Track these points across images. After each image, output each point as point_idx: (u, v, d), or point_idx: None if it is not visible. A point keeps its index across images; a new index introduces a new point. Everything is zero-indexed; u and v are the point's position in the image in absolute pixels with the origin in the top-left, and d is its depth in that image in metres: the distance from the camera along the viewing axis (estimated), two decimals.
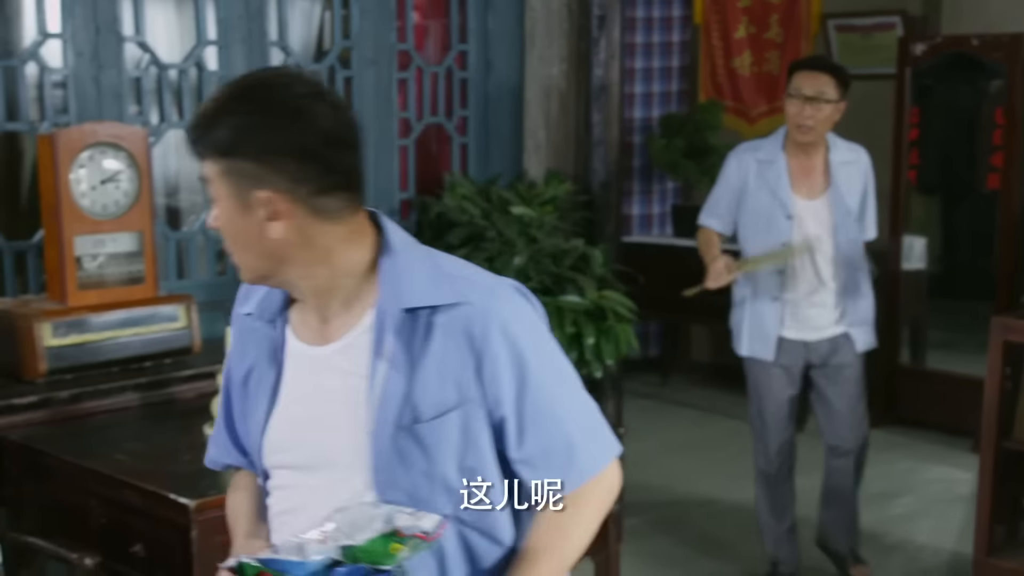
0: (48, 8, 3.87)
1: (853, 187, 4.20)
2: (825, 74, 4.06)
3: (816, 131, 4.06)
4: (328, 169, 1.66)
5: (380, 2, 4.68)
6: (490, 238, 4.68)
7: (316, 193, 1.65)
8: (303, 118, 1.64)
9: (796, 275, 4.14)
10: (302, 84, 1.67)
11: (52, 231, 3.57)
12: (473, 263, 4.60)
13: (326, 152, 1.65)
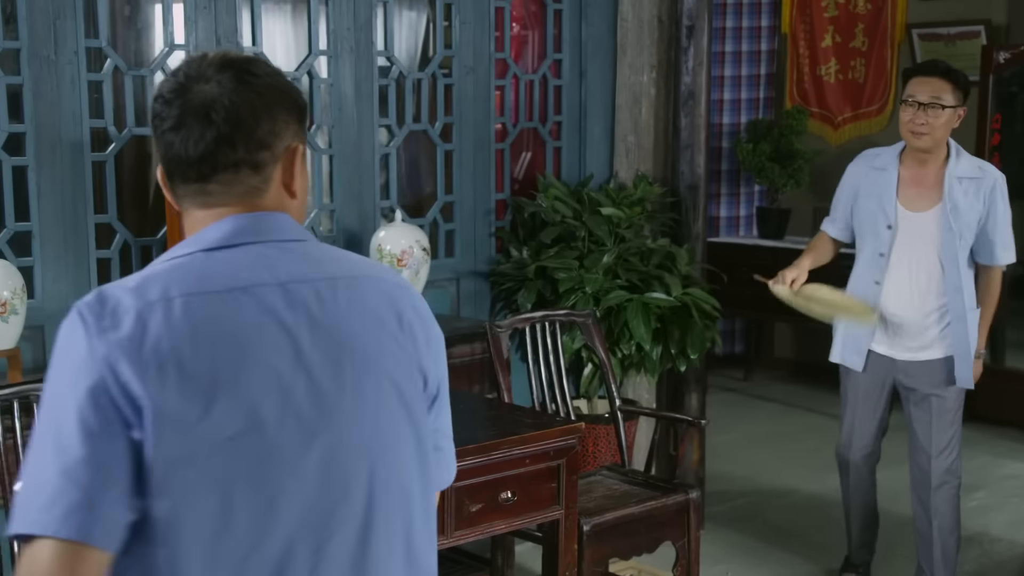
0: (175, 21, 3.99)
1: (971, 205, 3.81)
2: (941, 79, 3.78)
3: (932, 137, 3.77)
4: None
5: (480, 14, 4.74)
6: (580, 237, 4.72)
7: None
8: None
9: (893, 289, 3.89)
10: None
11: (175, 228, 3.69)
12: (564, 261, 4.67)
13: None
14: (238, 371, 1.42)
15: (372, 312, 1.55)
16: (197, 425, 1.39)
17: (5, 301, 3.29)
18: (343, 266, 1.57)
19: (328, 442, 1.47)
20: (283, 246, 1.52)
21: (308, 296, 1.50)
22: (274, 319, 1.46)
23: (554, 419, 3.76)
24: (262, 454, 1.42)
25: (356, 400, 1.50)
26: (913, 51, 6.91)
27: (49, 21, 3.67)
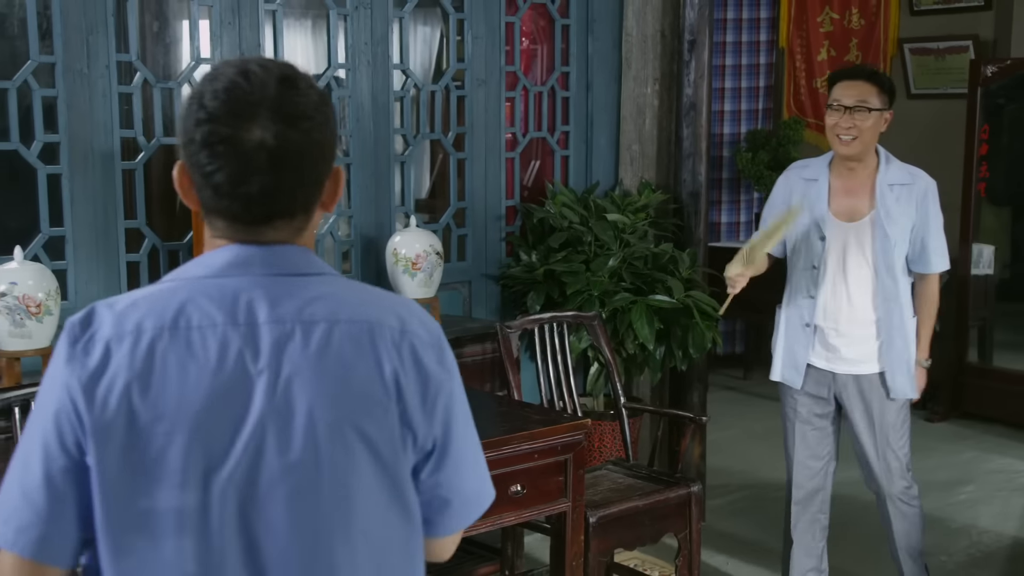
0: (201, 37, 4.00)
1: (904, 212, 3.56)
2: (866, 82, 3.52)
3: (861, 141, 3.51)
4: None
5: (491, 29, 4.74)
6: (587, 242, 4.71)
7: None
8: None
9: (828, 302, 3.62)
10: None
11: (200, 233, 3.69)
12: (572, 265, 4.66)
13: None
14: (187, 424, 1.35)
15: (342, 362, 1.40)
16: (133, 498, 1.35)
17: (40, 302, 3.29)
18: (337, 309, 1.42)
19: (276, 510, 1.37)
20: (282, 281, 1.42)
21: (278, 338, 1.38)
22: (239, 365, 1.37)
23: (561, 416, 3.76)
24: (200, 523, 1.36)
25: (312, 459, 1.38)
26: (905, 65, 6.90)
27: (82, 37, 3.68)
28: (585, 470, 3.36)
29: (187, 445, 1.34)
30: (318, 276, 1.45)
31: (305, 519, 1.38)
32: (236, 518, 1.36)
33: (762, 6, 7.31)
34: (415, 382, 1.44)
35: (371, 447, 1.40)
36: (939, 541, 4.57)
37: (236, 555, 1.36)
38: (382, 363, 1.41)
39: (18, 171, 3.69)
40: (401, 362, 1.43)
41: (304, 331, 1.39)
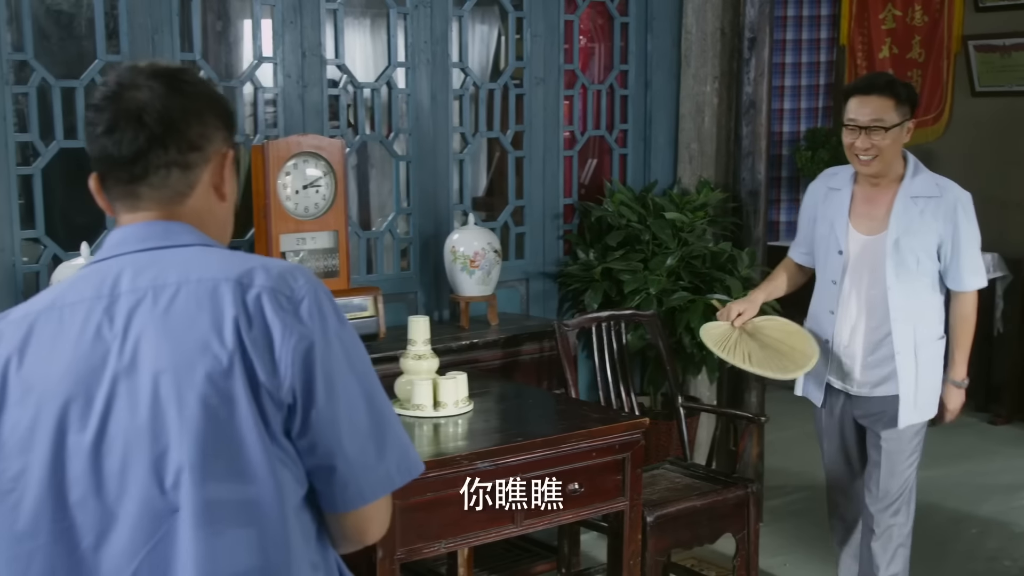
0: (263, 36, 4.01)
1: (928, 226, 3.30)
2: (880, 96, 3.26)
3: (881, 160, 3.28)
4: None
5: (550, 27, 4.71)
6: (645, 240, 4.66)
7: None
8: None
9: (846, 318, 3.43)
10: None
11: (261, 229, 3.71)
12: (629, 263, 4.63)
13: None
14: (51, 392, 1.42)
15: (184, 319, 1.41)
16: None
17: None
18: (189, 272, 1.44)
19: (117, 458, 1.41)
20: (151, 255, 1.47)
21: (132, 305, 1.43)
22: (97, 333, 1.42)
23: (619, 414, 3.72)
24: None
25: (158, 414, 1.40)
26: (969, 62, 6.77)
27: (148, 36, 3.70)
28: (643, 469, 3.32)
29: (50, 415, 1.40)
30: (184, 247, 1.49)
31: (148, 476, 1.39)
32: (89, 480, 1.40)
33: (823, 3, 7.21)
34: (260, 334, 1.41)
35: (217, 407, 1.39)
36: (1003, 545, 4.47)
37: (87, 528, 1.41)
38: (223, 316, 1.41)
39: (85, 168, 3.72)
40: (245, 315, 1.41)
41: (155, 295, 1.43)
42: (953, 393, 3.48)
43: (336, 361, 1.45)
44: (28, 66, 3.55)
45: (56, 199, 3.90)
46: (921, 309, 3.37)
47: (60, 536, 1.41)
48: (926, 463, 4.15)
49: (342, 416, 1.45)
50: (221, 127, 1.53)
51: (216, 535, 1.39)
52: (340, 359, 1.45)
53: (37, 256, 3.62)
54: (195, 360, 1.39)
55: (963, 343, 3.44)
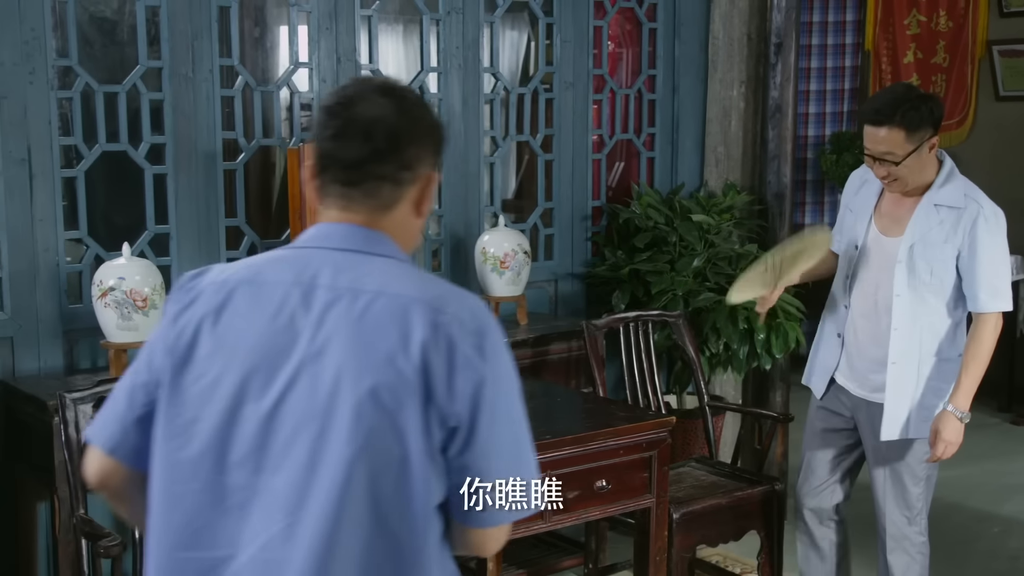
0: (300, 42, 4.05)
1: (947, 238, 3.09)
2: (889, 128, 3.02)
3: (903, 183, 3.10)
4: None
5: (579, 33, 4.73)
6: (672, 242, 4.68)
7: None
8: None
9: (856, 318, 3.26)
10: None
11: (297, 230, 3.74)
12: (656, 264, 4.64)
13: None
14: (245, 342, 1.54)
15: (375, 329, 1.51)
16: (180, 412, 1.56)
17: (146, 297, 3.37)
18: (385, 284, 1.54)
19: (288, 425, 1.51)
20: (349, 256, 1.58)
21: (329, 301, 1.53)
22: (291, 317, 1.53)
23: (646, 413, 3.74)
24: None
25: (330, 408, 1.50)
26: (993, 67, 6.74)
27: (188, 42, 3.75)
28: (669, 467, 3.34)
29: (235, 376, 1.53)
30: (381, 257, 1.59)
31: (305, 459, 1.49)
32: (252, 445, 1.51)
33: (848, 9, 7.18)
34: (444, 359, 1.50)
35: (387, 411, 1.49)
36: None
37: (244, 479, 1.52)
38: (412, 335, 1.50)
39: (127, 171, 3.78)
40: (434, 339, 1.51)
41: (351, 298, 1.53)
42: (950, 423, 3.12)
43: (501, 399, 1.55)
44: (72, 72, 3.60)
45: (98, 201, 3.96)
46: (931, 322, 3.14)
47: (212, 488, 1.53)
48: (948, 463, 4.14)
49: (495, 448, 1.56)
50: (432, 152, 1.64)
51: (351, 529, 1.49)
52: (504, 398, 1.56)
53: (80, 256, 3.68)
54: (379, 367, 1.49)
55: (971, 369, 3.13)
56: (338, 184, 1.60)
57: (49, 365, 3.56)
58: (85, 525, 2.89)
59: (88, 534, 2.87)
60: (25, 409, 3.34)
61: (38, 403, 3.22)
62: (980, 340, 3.12)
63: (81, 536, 2.92)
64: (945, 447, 3.15)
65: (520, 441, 1.61)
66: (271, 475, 1.51)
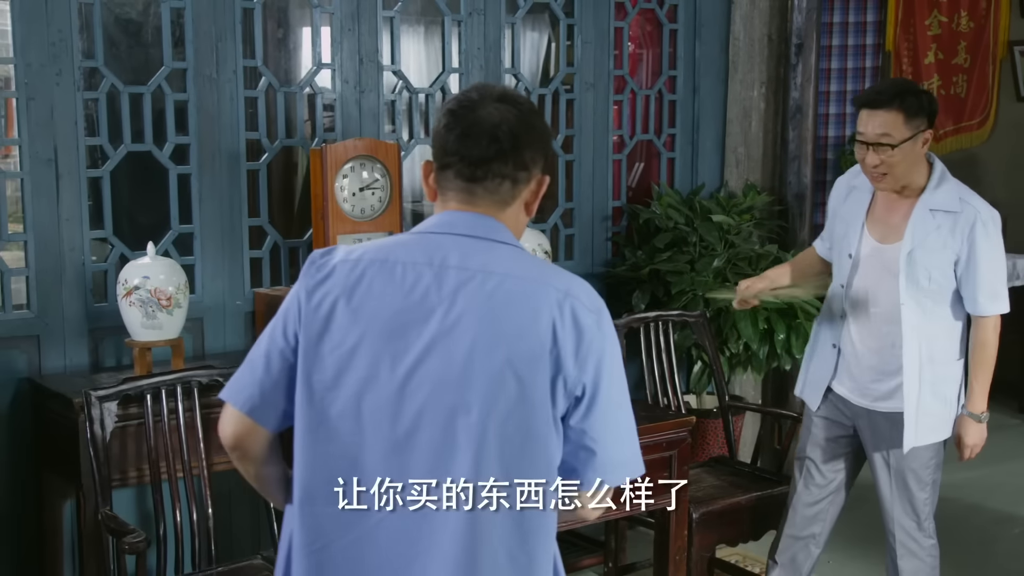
0: (323, 43, 4.05)
1: (944, 243, 3.02)
2: (888, 110, 2.95)
3: (892, 177, 3.01)
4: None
5: (600, 34, 4.72)
6: (692, 243, 4.66)
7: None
8: None
9: (853, 326, 3.18)
10: None
11: (319, 230, 3.75)
12: (677, 264, 4.61)
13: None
14: (381, 316, 1.68)
15: (507, 306, 1.66)
16: (316, 377, 1.70)
17: (170, 296, 3.38)
18: (512, 268, 1.70)
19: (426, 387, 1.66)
20: (476, 243, 1.72)
21: (461, 281, 1.67)
22: (425, 294, 1.68)
23: (666, 413, 3.73)
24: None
25: (465, 378, 1.64)
26: (1015, 67, 6.69)
27: (212, 44, 3.76)
28: (689, 466, 3.32)
29: (371, 345, 1.67)
30: (505, 244, 1.74)
31: (442, 423, 1.64)
32: (386, 407, 1.66)
33: (868, 9, 7.13)
34: (571, 334, 1.66)
35: (519, 380, 1.64)
36: None
37: (381, 440, 1.66)
38: (541, 314, 1.66)
39: (151, 171, 3.79)
40: (561, 316, 1.66)
41: (482, 279, 1.68)
42: (971, 427, 3.15)
43: (616, 371, 1.73)
44: (98, 73, 3.62)
45: (123, 200, 3.97)
46: (931, 328, 3.09)
47: (348, 449, 1.67)
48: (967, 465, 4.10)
49: (613, 416, 1.72)
50: (543, 156, 1.79)
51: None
52: (618, 370, 1.74)
53: (105, 255, 3.70)
54: (511, 341, 1.65)
55: (980, 373, 3.14)
56: (462, 179, 1.74)
57: (75, 363, 3.58)
58: (110, 521, 2.90)
59: (113, 531, 2.88)
60: (51, 407, 3.36)
61: (64, 400, 3.23)
62: (985, 344, 3.13)
63: (106, 532, 2.93)
64: (971, 450, 3.17)
65: (631, 417, 1.77)
66: (408, 439, 1.65)
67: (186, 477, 3.14)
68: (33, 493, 3.53)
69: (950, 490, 4.50)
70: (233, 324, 3.88)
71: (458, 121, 1.73)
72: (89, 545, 3.13)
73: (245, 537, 3.85)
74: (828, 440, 3.32)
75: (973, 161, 6.91)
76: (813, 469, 3.35)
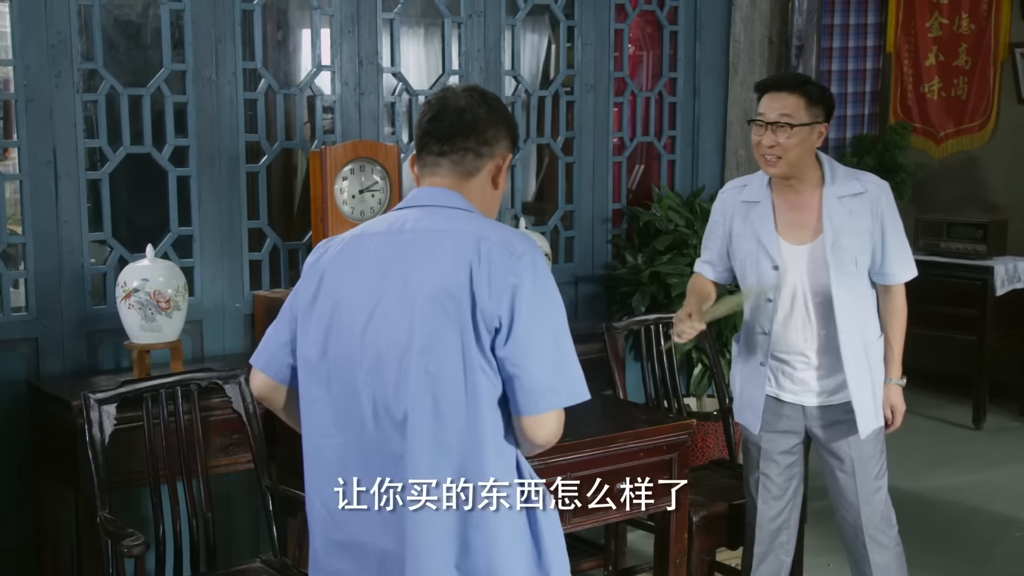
0: (322, 45, 4.05)
1: (858, 225, 3.10)
2: (791, 93, 3.05)
3: (786, 161, 3.06)
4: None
5: (600, 36, 4.72)
6: (692, 245, 4.65)
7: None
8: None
9: (792, 333, 3.17)
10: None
11: (319, 233, 3.74)
12: (677, 267, 4.60)
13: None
14: (349, 279, 2.04)
15: (439, 255, 1.97)
16: (305, 338, 2.08)
17: (169, 298, 3.38)
18: (455, 225, 2.00)
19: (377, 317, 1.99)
20: (432, 209, 2.05)
21: (410, 240, 2.01)
22: (382, 255, 2.02)
23: (666, 415, 3.72)
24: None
25: (401, 301, 1.97)
26: (1016, 69, 6.68)
27: (211, 46, 3.76)
28: (689, 469, 3.32)
29: (347, 305, 2.02)
30: (457, 209, 2.04)
31: (395, 356, 1.97)
32: (364, 357, 1.99)
33: (869, 11, 7.14)
34: (484, 272, 1.94)
35: (446, 313, 1.94)
36: None
37: (352, 380, 2.01)
38: (462, 257, 1.95)
39: (151, 173, 3.79)
40: (476, 258, 1.95)
41: (426, 236, 2.01)
42: (893, 391, 3.25)
43: (539, 305, 1.96)
44: (98, 75, 3.62)
45: (122, 203, 3.97)
46: (865, 308, 3.19)
47: (344, 393, 2.01)
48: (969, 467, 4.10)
49: (532, 342, 1.95)
50: (507, 137, 2.11)
51: (423, 404, 1.96)
52: (542, 306, 1.97)
53: (104, 258, 3.69)
54: (440, 284, 1.94)
55: (898, 339, 3.24)
56: (432, 155, 2.08)
57: (73, 366, 3.58)
58: (109, 525, 2.89)
59: (112, 534, 2.88)
60: (50, 409, 3.36)
61: (63, 403, 3.23)
62: (900, 310, 3.24)
63: (105, 536, 2.92)
64: (901, 416, 3.29)
65: (561, 345, 1.99)
66: (377, 369, 1.98)
67: (185, 480, 3.13)
68: (31, 496, 3.53)
69: (950, 494, 4.52)
70: (232, 326, 3.88)
71: (431, 107, 2.08)
72: (88, 548, 3.12)
73: (244, 540, 3.85)
74: (781, 452, 3.31)
75: (974, 163, 6.91)
76: (770, 484, 3.33)
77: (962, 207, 6.82)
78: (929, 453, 4.23)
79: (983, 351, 6.16)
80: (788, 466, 3.32)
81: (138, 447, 3.15)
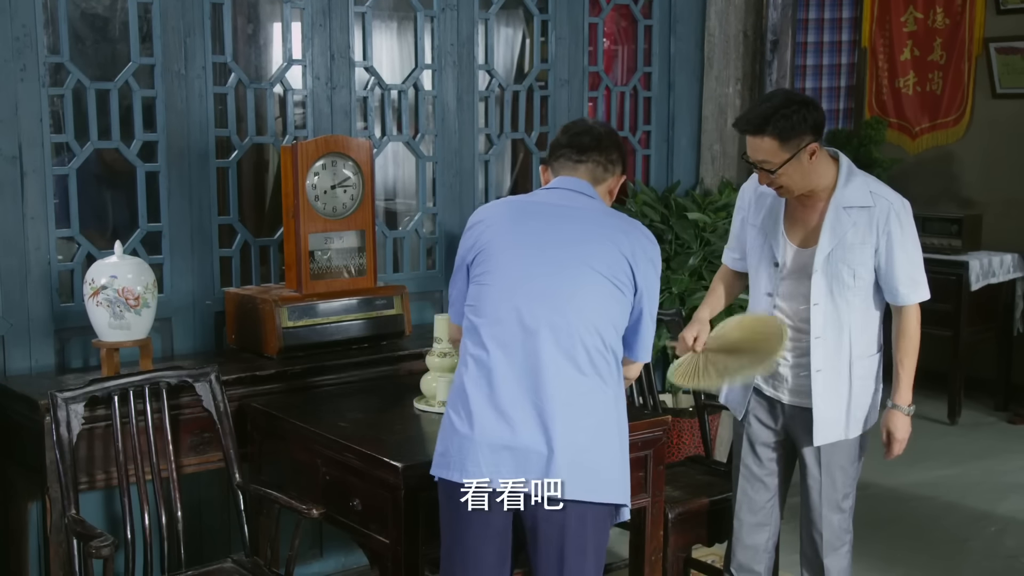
0: (293, 39, 4.04)
1: (863, 238, 3.06)
2: (760, 137, 2.98)
3: (788, 190, 3.05)
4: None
5: (574, 30, 4.72)
6: (668, 240, 4.67)
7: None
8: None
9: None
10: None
11: (290, 229, 3.73)
12: None
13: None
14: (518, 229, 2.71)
15: (602, 233, 2.67)
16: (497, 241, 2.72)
17: (138, 295, 3.36)
18: (587, 205, 2.71)
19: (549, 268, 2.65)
20: (574, 195, 2.72)
21: (559, 215, 2.68)
22: (541, 216, 2.70)
23: (642, 412, 3.73)
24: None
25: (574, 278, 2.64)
26: (990, 64, 6.73)
27: (180, 39, 3.74)
28: (665, 466, 3.33)
29: (522, 257, 2.66)
30: (590, 197, 2.74)
31: (564, 299, 2.63)
32: (536, 294, 2.63)
33: (844, 6, 7.18)
34: (639, 257, 2.67)
35: (610, 280, 2.64)
36: (1021, 543, 4.46)
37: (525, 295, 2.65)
38: (621, 242, 2.67)
39: (119, 169, 3.76)
40: (631, 246, 2.67)
41: (584, 215, 2.70)
42: (900, 420, 3.19)
43: (652, 285, 2.73)
44: (64, 68, 3.59)
45: (90, 199, 3.94)
46: (857, 322, 3.13)
47: (509, 314, 2.63)
48: (946, 462, 4.14)
49: (653, 307, 2.76)
50: (622, 161, 2.81)
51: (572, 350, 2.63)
52: (653, 285, 2.73)
53: (71, 254, 3.67)
54: (597, 249, 2.65)
55: (906, 364, 3.18)
56: (571, 162, 2.76)
57: (40, 364, 3.55)
58: (76, 525, 2.88)
59: (79, 534, 2.86)
60: (16, 408, 3.33)
61: (29, 402, 3.21)
62: (909, 334, 3.17)
63: (72, 536, 2.90)
64: (900, 445, 3.23)
65: (652, 313, 2.76)
66: (539, 321, 2.61)
67: (155, 480, 3.12)
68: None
69: (926, 489, 4.55)
70: (202, 324, 3.86)
71: (573, 127, 2.81)
72: (55, 549, 3.10)
73: (215, 540, 3.84)
74: (763, 444, 3.33)
75: (949, 158, 6.96)
76: (751, 476, 3.35)
77: (937, 202, 6.88)
78: (911, 448, 4.27)
79: (958, 346, 6.22)
80: (769, 459, 3.33)
81: (107, 447, 3.13)
